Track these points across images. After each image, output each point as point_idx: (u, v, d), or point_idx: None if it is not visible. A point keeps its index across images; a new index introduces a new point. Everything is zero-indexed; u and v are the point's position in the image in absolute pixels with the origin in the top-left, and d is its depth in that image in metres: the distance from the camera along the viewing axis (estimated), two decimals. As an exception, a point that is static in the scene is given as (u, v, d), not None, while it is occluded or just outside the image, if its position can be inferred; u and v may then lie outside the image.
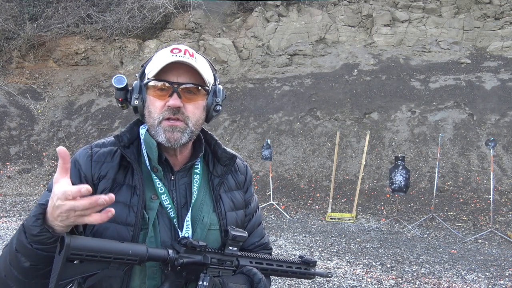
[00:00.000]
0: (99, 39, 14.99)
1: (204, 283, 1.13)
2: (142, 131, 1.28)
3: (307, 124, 10.98)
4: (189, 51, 1.23)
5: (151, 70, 1.22)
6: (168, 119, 1.21)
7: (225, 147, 1.37)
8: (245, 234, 1.26)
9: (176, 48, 1.23)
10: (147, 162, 1.25)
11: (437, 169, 7.94)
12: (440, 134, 8.47)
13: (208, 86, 1.27)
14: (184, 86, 1.21)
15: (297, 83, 12.18)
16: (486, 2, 12.49)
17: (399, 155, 7.62)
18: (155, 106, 1.22)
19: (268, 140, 9.13)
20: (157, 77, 1.21)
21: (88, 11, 15.14)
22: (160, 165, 1.25)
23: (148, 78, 1.23)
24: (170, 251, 1.13)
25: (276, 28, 13.74)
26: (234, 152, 1.40)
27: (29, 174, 11.51)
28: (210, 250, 1.20)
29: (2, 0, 15.60)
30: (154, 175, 1.24)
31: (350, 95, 11.36)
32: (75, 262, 1.03)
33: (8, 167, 11.56)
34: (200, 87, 1.24)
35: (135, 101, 1.25)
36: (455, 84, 10.90)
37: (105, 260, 1.03)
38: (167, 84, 1.20)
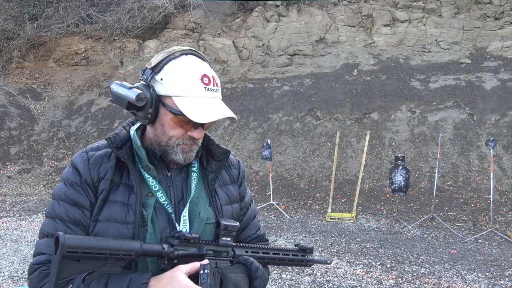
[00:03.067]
0: (99, 39, 14.98)
1: (206, 271, 1.14)
2: (132, 132, 1.29)
3: (307, 124, 10.98)
4: (215, 78, 1.24)
5: (179, 94, 1.19)
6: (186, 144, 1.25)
7: (218, 143, 1.40)
8: (237, 223, 1.28)
9: (206, 76, 1.21)
10: (138, 162, 1.28)
11: (437, 169, 7.94)
12: (440, 134, 8.47)
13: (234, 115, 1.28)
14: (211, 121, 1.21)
15: (297, 83, 12.18)
16: (486, 2, 12.48)
17: (399, 155, 7.62)
18: (175, 133, 1.24)
19: (268, 140, 9.13)
20: None
21: (88, 11, 15.13)
22: (155, 162, 1.28)
23: (177, 109, 1.19)
24: (165, 245, 1.15)
25: (276, 28, 13.74)
26: (226, 147, 1.43)
27: (29, 174, 11.51)
28: (204, 241, 1.23)
29: (2, 0, 15.60)
30: (146, 174, 1.26)
31: (350, 95, 11.36)
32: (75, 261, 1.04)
33: (8, 167, 11.56)
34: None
35: (149, 116, 1.21)
36: (455, 84, 10.90)
37: (101, 256, 1.05)
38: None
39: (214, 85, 1.23)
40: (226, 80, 12.93)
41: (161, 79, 1.20)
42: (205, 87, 1.20)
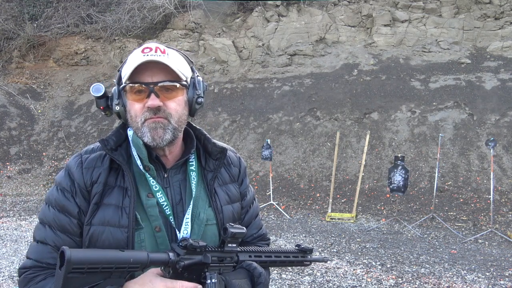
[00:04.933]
0: (99, 39, 14.99)
1: (213, 280, 1.14)
2: (130, 132, 1.28)
3: (307, 124, 10.98)
4: (160, 48, 1.22)
5: (126, 73, 1.21)
6: (150, 118, 1.21)
7: (214, 141, 1.37)
8: (244, 230, 1.25)
9: (147, 47, 1.21)
10: (138, 162, 1.25)
11: (437, 169, 7.94)
12: (440, 134, 8.47)
13: (185, 81, 1.25)
14: (160, 84, 1.19)
15: (297, 83, 12.18)
16: (486, 2, 12.48)
17: (399, 155, 7.62)
18: (135, 109, 1.21)
19: (268, 140, 9.13)
20: (132, 79, 1.20)
21: (88, 11, 15.14)
22: (151, 163, 1.25)
23: (124, 82, 1.22)
24: (171, 254, 1.13)
25: (276, 28, 13.74)
26: (224, 144, 1.39)
27: (29, 174, 11.51)
28: (209, 249, 1.20)
29: (2, 0, 15.60)
30: (147, 174, 1.24)
31: (350, 95, 11.36)
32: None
33: (8, 167, 11.56)
34: (177, 83, 1.22)
35: (116, 107, 1.25)
36: (455, 84, 10.90)
37: (106, 271, 1.03)
38: (143, 85, 1.19)
39: (156, 52, 1.20)
40: (226, 80, 12.93)
41: (121, 71, 1.26)
42: (143, 54, 1.19)
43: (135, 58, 1.20)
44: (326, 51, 13.03)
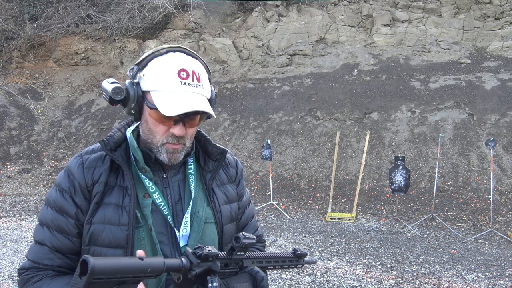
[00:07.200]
0: (99, 39, 14.99)
1: (214, 284, 1.15)
2: (128, 133, 1.29)
3: (307, 124, 10.98)
4: (196, 74, 1.21)
5: (155, 89, 1.19)
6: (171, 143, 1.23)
7: (214, 143, 1.39)
8: (254, 240, 1.24)
9: (183, 70, 1.20)
10: (135, 163, 1.27)
11: (437, 169, 7.94)
12: (440, 134, 8.47)
13: (211, 111, 1.24)
14: (191, 116, 1.21)
15: (297, 83, 12.18)
16: (486, 2, 12.48)
17: (399, 155, 7.62)
18: (158, 130, 1.22)
19: (268, 140, 9.12)
20: None
21: (88, 11, 15.14)
22: (151, 164, 1.27)
23: (152, 104, 1.19)
24: (184, 260, 1.13)
25: (276, 28, 13.74)
26: (223, 146, 1.41)
27: (29, 174, 11.51)
28: (219, 256, 1.20)
29: (2, 0, 15.60)
30: (143, 176, 1.26)
31: (350, 95, 11.35)
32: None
33: (8, 167, 11.55)
34: (205, 115, 1.24)
35: (132, 111, 1.24)
36: (455, 84, 10.90)
37: (124, 279, 1.03)
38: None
39: (193, 80, 1.20)
40: (226, 80, 12.93)
41: (144, 74, 1.22)
42: (181, 81, 1.18)
43: (171, 85, 1.18)
44: (326, 51, 13.03)
